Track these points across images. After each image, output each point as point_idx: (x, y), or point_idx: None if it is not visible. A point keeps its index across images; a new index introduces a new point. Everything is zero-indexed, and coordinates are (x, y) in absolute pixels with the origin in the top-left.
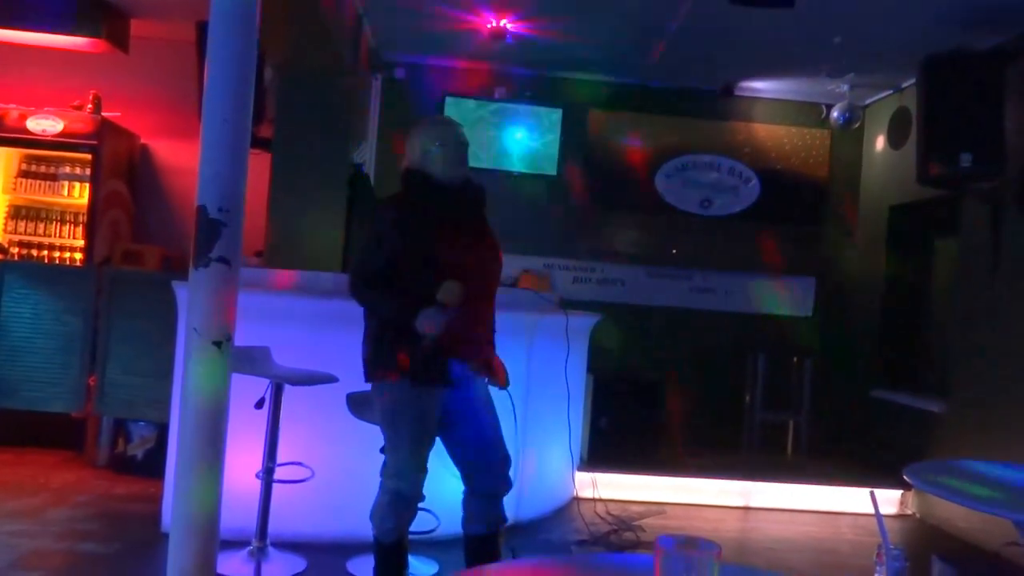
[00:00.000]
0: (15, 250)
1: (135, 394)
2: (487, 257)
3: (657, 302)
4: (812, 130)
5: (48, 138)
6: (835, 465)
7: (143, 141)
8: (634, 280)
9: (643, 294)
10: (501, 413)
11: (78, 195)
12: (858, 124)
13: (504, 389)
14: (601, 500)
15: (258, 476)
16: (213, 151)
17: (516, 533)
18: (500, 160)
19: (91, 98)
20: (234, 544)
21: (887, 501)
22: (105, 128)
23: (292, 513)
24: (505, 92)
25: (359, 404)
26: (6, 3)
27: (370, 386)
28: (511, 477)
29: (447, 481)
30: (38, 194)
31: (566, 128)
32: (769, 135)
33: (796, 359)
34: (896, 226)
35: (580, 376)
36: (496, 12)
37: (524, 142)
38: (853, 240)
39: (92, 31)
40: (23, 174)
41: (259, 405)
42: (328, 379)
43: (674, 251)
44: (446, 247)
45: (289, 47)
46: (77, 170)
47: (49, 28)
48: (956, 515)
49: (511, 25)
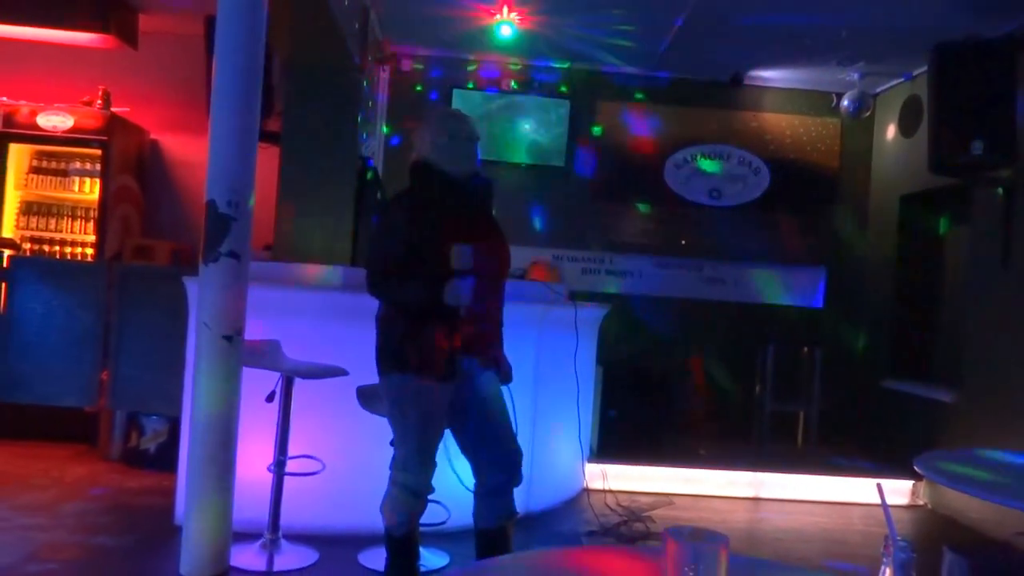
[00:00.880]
0: (27, 246)
1: (147, 388)
2: (495, 251)
3: (666, 293)
4: (822, 119)
5: (58, 134)
6: (845, 456)
7: (152, 136)
8: (643, 271)
9: (652, 285)
10: None
11: (89, 191)
12: (869, 113)
13: (505, 385)
14: (611, 491)
15: (269, 469)
16: (222, 146)
17: (526, 525)
18: (508, 152)
19: (100, 94)
20: (246, 536)
21: (898, 491)
22: (115, 123)
23: (304, 506)
24: (513, 84)
25: (368, 397)
26: (14, 0)
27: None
28: (522, 471)
29: (459, 473)
30: (49, 190)
31: (574, 120)
32: (779, 124)
33: (806, 349)
34: (907, 215)
35: (590, 367)
36: (503, 3)
37: (532, 134)
38: (864, 230)
39: (101, 27)
40: (34, 170)
41: (270, 398)
42: (338, 372)
43: (683, 242)
44: (454, 241)
45: (296, 41)
46: (87, 166)
47: (58, 24)
48: (968, 505)
49: (518, 17)
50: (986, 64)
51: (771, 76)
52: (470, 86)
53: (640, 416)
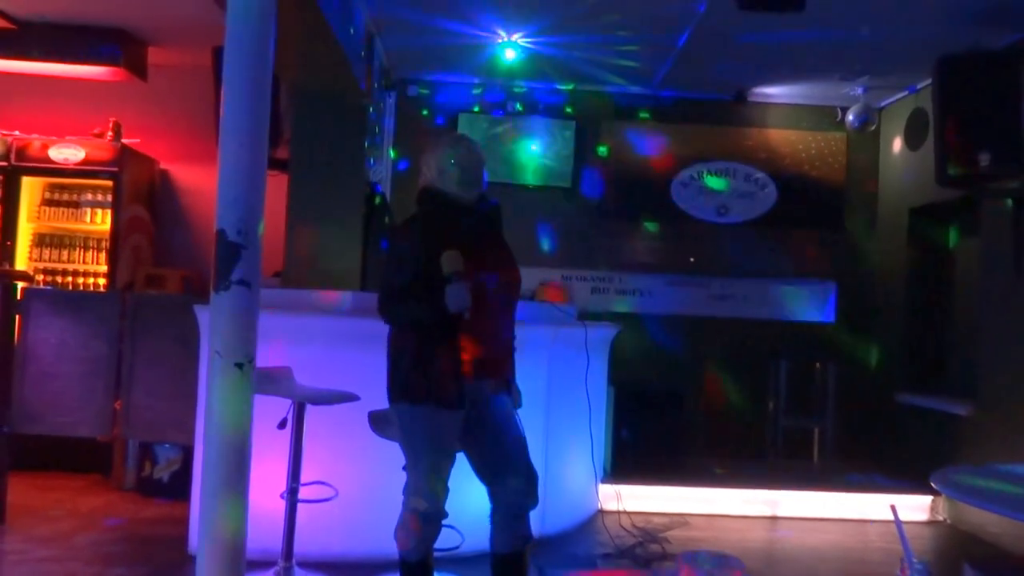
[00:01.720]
0: (40, 278)
1: (160, 417)
2: (505, 274)
3: (676, 311)
4: (828, 134)
5: (70, 167)
6: (862, 472)
7: (163, 166)
8: (653, 289)
9: (662, 303)
10: None
11: (100, 221)
12: (874, 127)
13: (515, 409)
14: (626, 512)
15: (283, 496)
16: (231, 175)
17: (541, 548)
18: (515, 174)
19: (111, 126)
20: (260, 565)
21: (917, 507)
22: (125, 155)
23: (317, 533)
24: (518, 107)
25: (380, 422)
26: (28, 36)
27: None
28: (537, 493)
29: (472, 497)
30: (61, 221)
31: (580, 140)
32: (784, 140)
33: (819, 364)
34: (916, 228)
35: (601, 387)
36: (507, 28)
37: (539, 155)
38: (873, 243)
39: (111, 60)
40: (46, 202)
41: (282, 425)
42: (349, 398)
43: (692, 259)
44: (465, 265)
45: (304, 69)
46: (99, 197)
47: (69, 58)
48: (988, 521)
49: (522, 40)
50: (990, 76)
51: (775, 92)
52: (476, 110)
53: (653, 435)
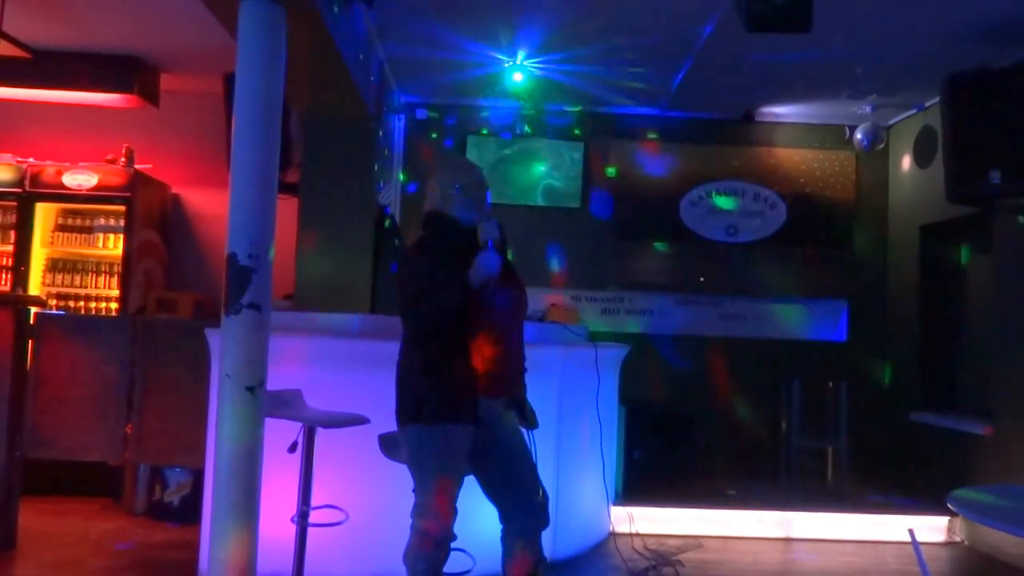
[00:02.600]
0: (53, 302)
1: (170, 441)
2: (512, 294)
3: (687, 331)
4: (836, 153)
5: (83, 192)
6: (877, 492)
7: (174, 191)
8: (663, 310)
9: (672, 323)
10: None
11: (113, 246)
12: (882, 145)
13: (531, 430)
14: (638, 535)
15: (293, 520)
16: (241, 200)
17: (553, 572)
18: (524, 195)
19: (124, 151)
20: None
21: (934, 528)
22: (138, 180)
23: (328, 556)
24: (526, 128)
25: (391, 445)
26: (43, 64)
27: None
28: (548, 513)
29: (482, 520)
30: (74, 246)
31: (588, 161)
32: (793, 159)
33: (831, 384)
34: (927, 246)
35: (612, 408)
36: (515, 51)
37: (547, 177)
38: (884, 261)
39: (124, 87)
40: (60, 227)
41: (292, 449)
42: (360, 421)
43: (702, 279)
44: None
45: (313, 94)
46: (111, 221)
47: (83, 86)
48: (1006, 542)
49: (530, 63)
50: (998, 92)
51: (783, 112)
52: (484, 132)
53: (665, 456)
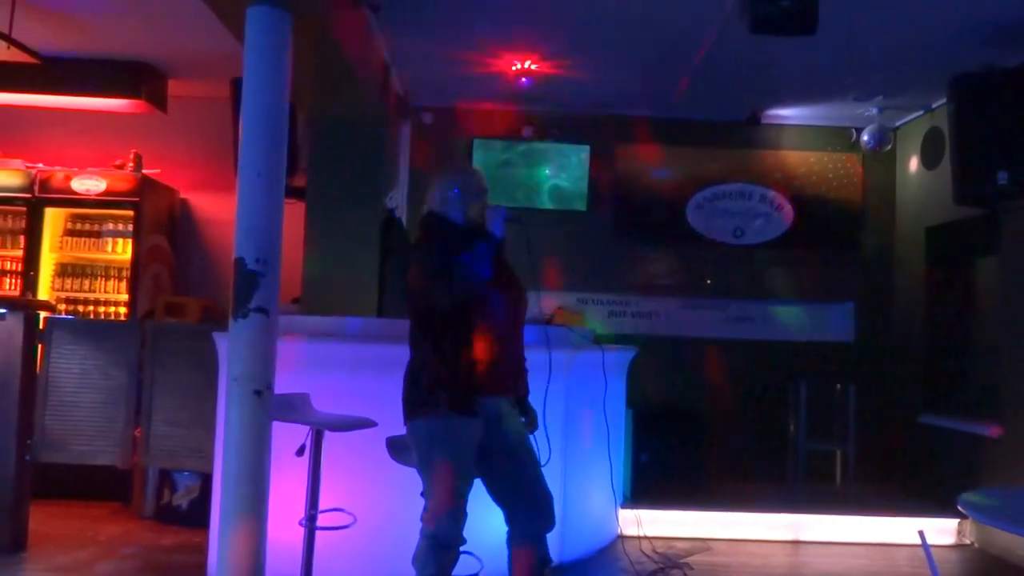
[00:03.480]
0: (62, 307)
1: (179, 444)
2: (511, 295)
3: (694, 333)
4: (843, 154)
5: (92, 197)
6: (886, 494)
7: (182, 196)
8: (670, 312)
9: (679, 326)
10: None
11: (121, 251)
12: (889, 147)
13: (531, 433)
14: (646, 537)
15: (301, 523)
16: (249, 204)
17: (561, 574)
18: (530, 198)
19: (132, 157)
20: None
21: (943, 531)
22: (146, 185)
23: (336, 560)
24: (532, 132)
25: (399, 448)
26: (52, 71)
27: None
28: (554, 515)
29: (490, 522)
30: (83, 251)
31: (594, 164)
32: (799, 161)
33: (839, 386)
34: (934, 247)
35: (620, 411)
36: (520, 54)
37: (553, 180)
38: (891, 263)
39: (132, 93)
40: (69, 232)
41: (300, 452)
42: (367, 424)
43: (708, 281)
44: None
45: (320, 99)
46: (120, 227)
47: (91, 92)
48: (1016, 544)
49: (535, 66)
50: (1006, 94)
51: (789, 114)
52: (490, 136)
53: (673, 459)
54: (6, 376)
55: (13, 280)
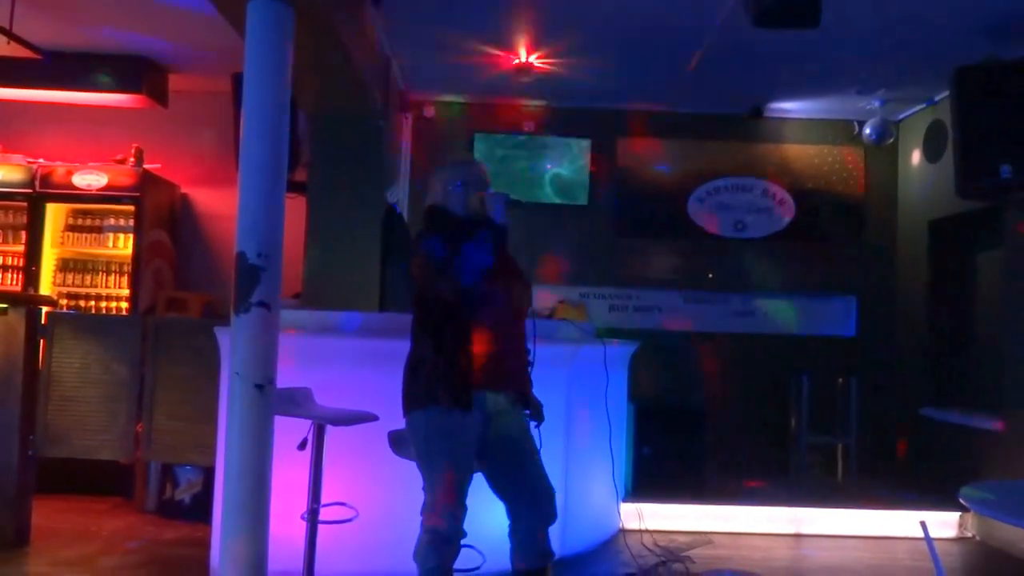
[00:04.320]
0: (64, 302)
1: (181, 439)
2: (514, 288)
3: (696, 327)
4: (845, 148)
5: (93, 192)
6: (887, 488)
7: (183, 190)
8: (671, 306)
9: (681, 320)
10: None
11: (122, 246)
12: (891, 140)
13: (538, 425)
14: (648, 531)
15: (303, 517)
16: (250, 199)
17: (562, 568)
18: (531, 192)
19: (133, 151)
20: None
21: (945, 523)
22: (147, 180)
23: (338, 553)
24: (533, 125)
25: (400, 442)
26: (53, 65)
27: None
28: (555, 508)
29: (491, 516)
30: (84, 246)
31: (596, 158)
32: (801, 155)
33: (841, 380)
34: (937, 240)
35: (621, 405)
36: (522, 48)
37: (555, 173)
38: (893, 256)
39: (132, 88)
40: (70, 228)
41: (302, 446)
42: (369, 418)
43: (710, 275)
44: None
45: (321, 93)
46: (121, 221)
47: (92, 87)
48: (1018, 537)
49: (537, 60)
50: (1009, 86)
51: (791, 107)
52: (492, 129)
53: (675, 453)
54: (8, 371)
55: (15, 275)
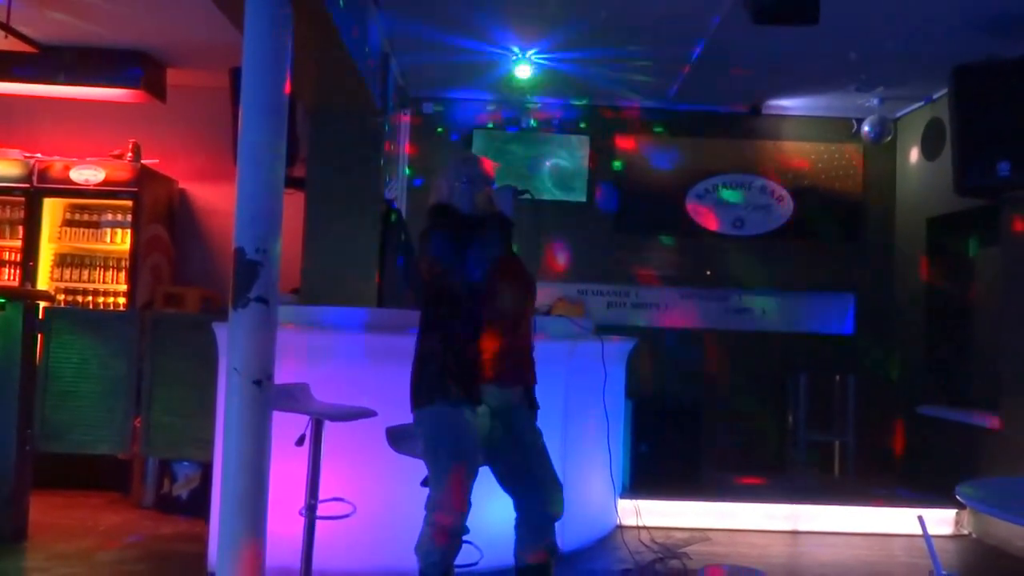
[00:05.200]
0: (61, 297)
1: (179, 434)
2: (520, 284)
3: (694, 324)
4: (843, 145)
5: (91, 187)
6: (885, 485)
7: (181, 185)
8: (669, 303)
9: (679, 317)
10: None
11: (120, 241)
12: (890, 137)
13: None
14: (645, 528)
15: (301, 513)
16: (248, 194)
17: (560, 564)
18: (530, 189)
19: (131, 147)
20: None
21: (941, 521)
22: (144, 175)
23: (336, 549)
24: (532, 122)
25: (398, 438)
26: (50, 60)
27: (410, 419)
28: (563, 503)
29: (490, 512)
30: (82, 242)
31: (594, 155)
32: (800, 152)
33: (839, 377)
34: (935, 238)
35: (619, 402)
36: (521, 45)
37: (553, 170)
38: (891, 254)
39: (130, 82)
40: (67, 223)
41: (300, 442)
42: (367, 414)
43: (708, 272)
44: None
45: (320, 89)
46: (119, 217)
47: (90, 81)
48: (1014, 534)
49: (536, 57)
50: (1007, 84)
51: (789, 104)
52: (490, 126)
53: (672, 450)
54: (6, 366)
55: (12, 270)
